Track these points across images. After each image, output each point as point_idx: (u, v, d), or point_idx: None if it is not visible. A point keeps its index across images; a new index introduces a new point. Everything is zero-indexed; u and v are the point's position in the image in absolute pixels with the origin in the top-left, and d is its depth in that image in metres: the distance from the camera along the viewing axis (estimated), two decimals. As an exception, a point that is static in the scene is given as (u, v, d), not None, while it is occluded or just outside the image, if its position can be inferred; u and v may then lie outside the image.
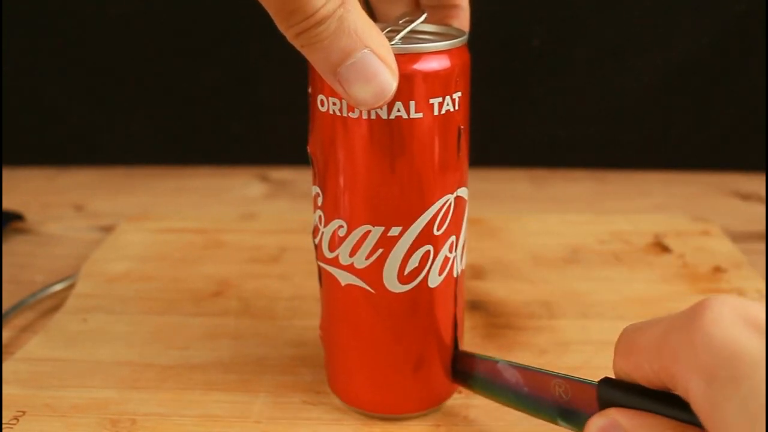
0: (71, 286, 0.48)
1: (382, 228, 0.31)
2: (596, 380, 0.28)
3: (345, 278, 0.32)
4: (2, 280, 0.49)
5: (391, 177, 0.30)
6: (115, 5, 0.66)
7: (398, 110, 0.29)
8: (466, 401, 0.36)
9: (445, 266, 0.32)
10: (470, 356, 0.35)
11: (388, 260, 0.31)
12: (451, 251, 0.32)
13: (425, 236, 0.31)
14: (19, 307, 0.45)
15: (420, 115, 0.29)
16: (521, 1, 0.65)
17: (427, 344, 0.33)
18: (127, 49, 0.68)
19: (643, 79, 0.67)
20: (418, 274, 0.32)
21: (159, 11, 0.66)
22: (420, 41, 0.31)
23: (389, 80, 0.27)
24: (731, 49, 0.65)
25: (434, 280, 0.32)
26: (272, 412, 0.35)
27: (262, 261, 0.51)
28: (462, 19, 0.34)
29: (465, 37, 0.31)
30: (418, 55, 0.29)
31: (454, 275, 0.33)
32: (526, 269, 0.50)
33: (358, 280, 0.32)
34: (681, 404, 0.24)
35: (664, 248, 0.53)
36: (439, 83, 0.29)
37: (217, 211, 0.63)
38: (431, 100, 0.29)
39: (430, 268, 0.32)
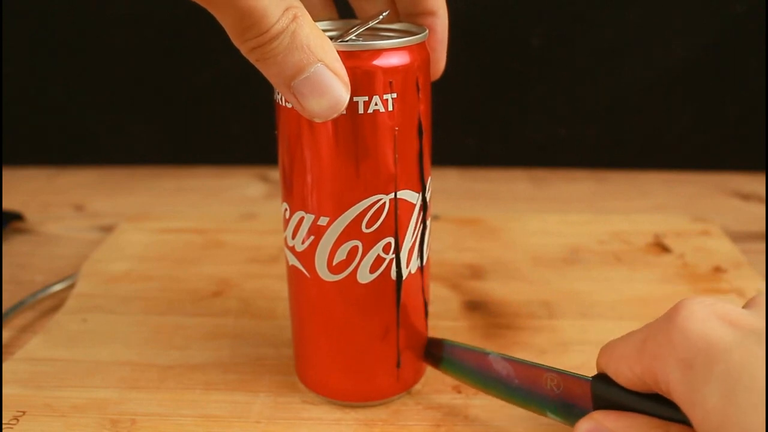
0: (71, 286, 0.48)
1: (313, 216, 0.32)
2: (590, 376, 0.29)
3: (291, 259, 0.34)
4: (2, 280, 0.50)
5: (318, 168, 0.31)
6: (115, 5, 0.66)
7: None
8: (466, 401, 0.36)
9: (378, 266, 0.32)
10: (455, 346, 0.35)
11: (318, 248, 0.32)
12: (386, 252, 0.32)
13: (352, 231, 0.31)
14: (19, 307, 0.45)
15: (343, 111, 0.29)
16: (521, 1, 0.65)
17: (362, 337, 0.34)
18: (127, 49, 0.68)
19: (644, 79, 0.67)
20: (347, 267, 0.32)
21: (159, 11, 0.66)
22: (374, 40, 0.31)
23: (342, 93, 0.27)
24: (731, 49, 0.65)
25: (364, 277, 0.32)
26: (272, 412, 0.35)
27: (262, 261, 0.51)
28: (438, 27, 0.34)
29: (398, 41, 0.30)
30: (348, 53, 0.29)
31: (392, 277, 0.33)
32: (526, 269, 0.50)
33: (298, 262, 0.33)
34: (670, 402, 0.26)
35: (664, 248, 0.53)
36: (365, 82, 0.29)
37: (217, 211, 0.63)
38: (356, 98, 0.29)
39: (359, 263, 0.32)
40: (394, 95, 0.30)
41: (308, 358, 0.36)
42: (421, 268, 0.34)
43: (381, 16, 0.32)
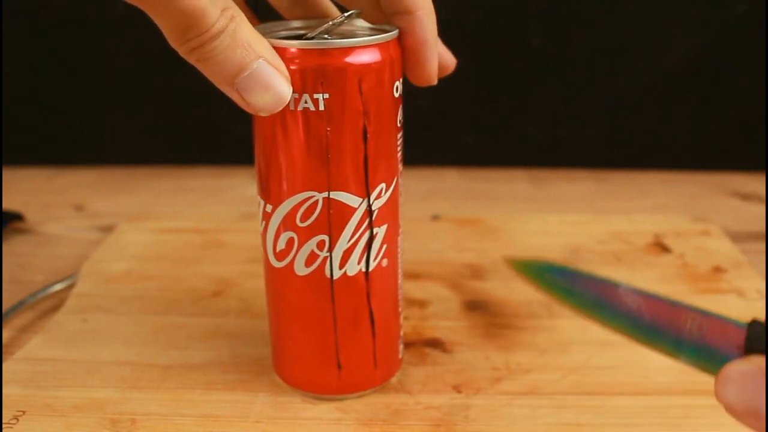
0: (71, 286, 0.48)
1: (263, 202, 0.33)
2: (745, 322, 0.27)
3: (260, 240, 0.35)
4: (2, 280, 0.49)
5: (263, 159, 0.33)
6: (114, 5, 0.66)
7: None
8: (466, 401, 0.36)
9: (312, 261, 0.33)
10: (578, 274, 0.32)
11: (267, 233, 0.34)
12: (320, 249, 0.32)
13: (288, 223, 0.32)
14: (19, 307, 0.45)
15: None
16: (520, 0, 0.65)
17: (301, 327, 0.35)
18: (127, 49, 0.68)
19: (643, 79, 0.67)
20: (286, 256, 0.33)
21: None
22: (337, 38, 0.31)
23: (284, 86, 0.28)
24: (731, 49, 0.65)
25: (300, 269, 0.33)
26: (272, 412, 0.35)
27: (262, 261, 0.51)
28: (417, 28, 0.32)
29: (337, 42, 0.30)
30: (282, 50, 0.29)
31: (327, 275, 0.33)
32: (526, 269, 0.50)
33: (260, 244, 0.35)
34: None
35: (664, 248, 0.53)
36: (297, 80, 0.30)
37: (217, 211, 0.63)
38: None
39: (296, 255, 0.33)
40: (326, 95, 0.30)
41: (270, 338, 0.37)
42: (366, 274, 0.34)
43: (344, 16, 0.31)
